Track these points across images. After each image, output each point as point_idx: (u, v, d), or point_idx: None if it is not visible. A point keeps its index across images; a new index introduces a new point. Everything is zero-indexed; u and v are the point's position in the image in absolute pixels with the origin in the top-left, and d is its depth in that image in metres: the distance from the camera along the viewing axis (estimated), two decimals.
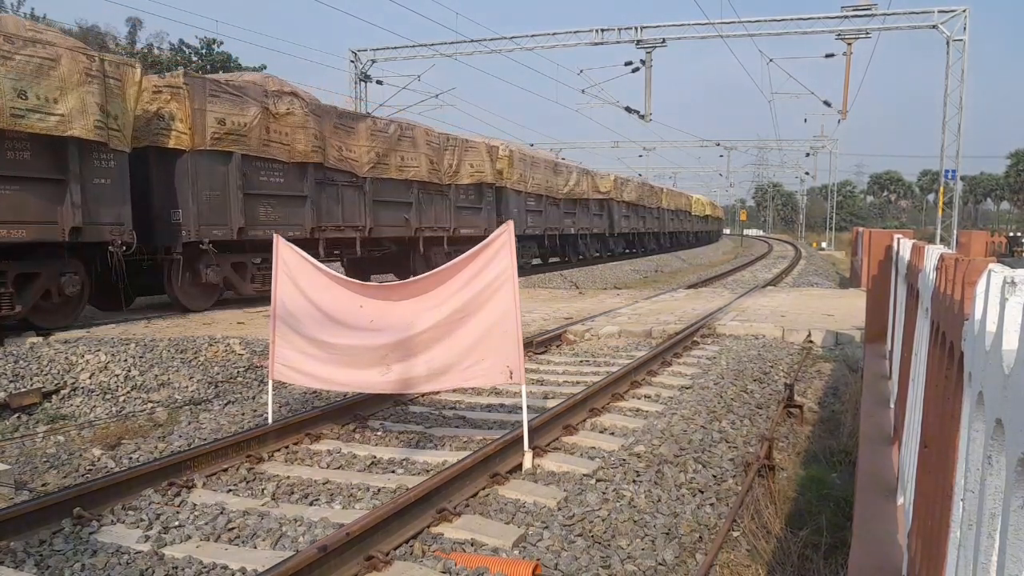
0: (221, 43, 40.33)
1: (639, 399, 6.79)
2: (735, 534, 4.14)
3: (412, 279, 5.22)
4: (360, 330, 5.19)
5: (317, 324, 5.36)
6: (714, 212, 62.19)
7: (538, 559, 3.60)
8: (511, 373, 4.83)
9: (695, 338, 9.80)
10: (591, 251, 28.88)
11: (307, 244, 12.81)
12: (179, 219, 11.04)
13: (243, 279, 12.51)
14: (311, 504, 4.42)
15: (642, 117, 27.53)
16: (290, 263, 5.52)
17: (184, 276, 11.32)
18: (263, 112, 12.16)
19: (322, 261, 6.43)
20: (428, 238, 16.96)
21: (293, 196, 13.04)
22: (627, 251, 33.83)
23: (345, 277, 5.46)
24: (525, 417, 4.93)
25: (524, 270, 22.79)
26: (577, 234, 27.21)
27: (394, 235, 15.89)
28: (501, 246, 4.81)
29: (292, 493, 4.58)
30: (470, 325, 4.87)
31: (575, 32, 27.48)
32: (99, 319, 10.65)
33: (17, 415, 6.52)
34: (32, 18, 38.39)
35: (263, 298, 12.62)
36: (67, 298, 9.72)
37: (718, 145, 59.66)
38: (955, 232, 28.02)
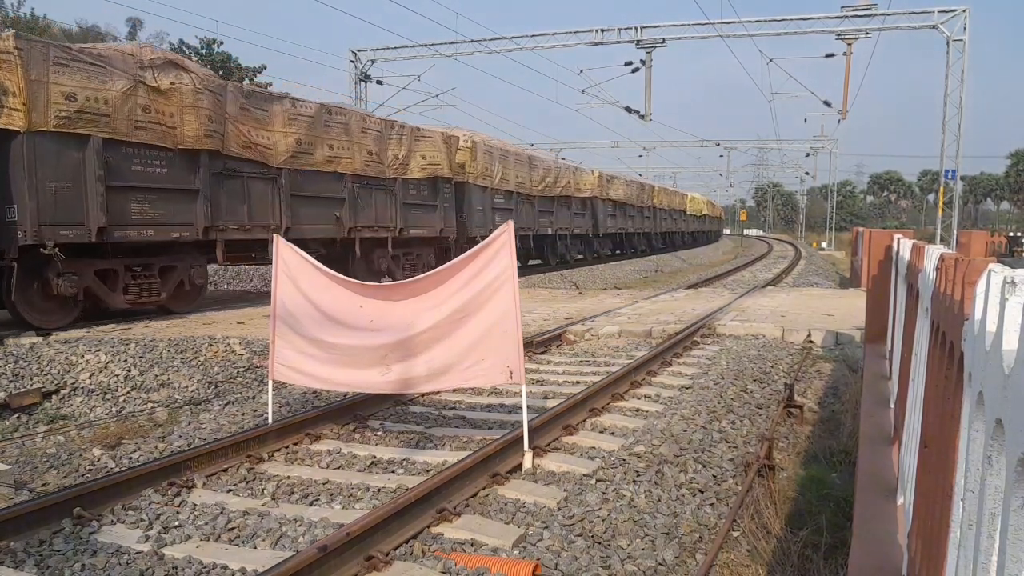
0: (221, 43, 40.37)
1: (639, 399, 6.79)
2: (735, 534, 4.14)
3: (413, 279, 5.21)
4: (360, 330, 5.19)
5: (317, 324, 5.36)
6: (712, 211, 60.36)
7: (538, 559, 3.60)
8: (511, 373, 4.83)
9: (695, 338, 9.80)
10: (572, 253, 27.05)
11: (201, 247, 11.45)
12: (13, 217, 8.96)
13: (113, 290, 10.36)
14: (311, 504, 4.42)
15: (642, 117, 27.55)
16: (290, 263, 5.52)
17: (28, 287, 9.34)
18: (135, 87, 9.96)
19: (223, 266, 5.95)
20: (367, 239, 14.74)
21: (180, 190, 10.80)
22: (615, 252, 33.17)
23: (345, 277, 5.46)
24: (525, 417, 4.93)
25: (522, 270, 22.67)
26: (555, 234, 25.16)
27: (320, 235, 13.62)
28: (501, 246, 4.81)
29: (292, 493, 4.58)
30: (470, 325, 4.87)
31: (575, 32, 27.50)
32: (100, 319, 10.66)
33: (17, 415, 6.52)
34: (32, 18, 38.38)
35: (143, 313, 10.84)
36: None
37: (718, 145, 59.69)
38: (955, 232, 28.03)
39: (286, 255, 5.55)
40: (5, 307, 9.49)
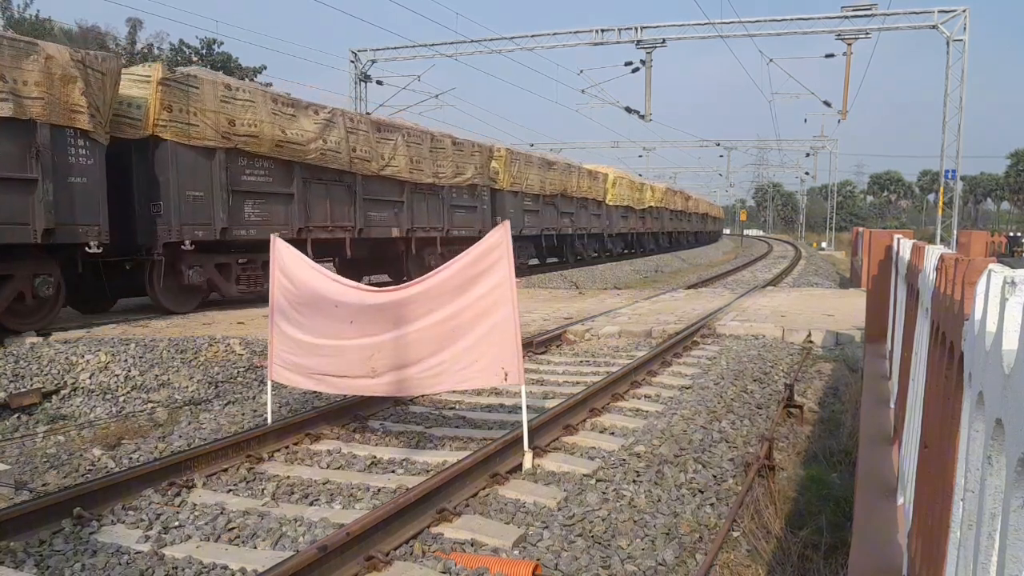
0: (221, 43, 40.45)
1: (639, 399, 6.79)
2: (735, 534, 4.14)
3: (411, 282, 5.18)
4: (353, 332, 5.17)
5: (312, 326, 5.35)
6: (692, 206, 48.70)
7: (538, 559, 3.60)
8: (506, 375, 4.80)
9: (695, 338, 9.80)
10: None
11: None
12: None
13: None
14: (311, 504, 4.42)
15: (642, 117, 27.55)
16: (286, 263, 5.51)
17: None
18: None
19: None
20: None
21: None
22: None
23: (340, 277, 5.45)
24: (525, 417, 4.93)
25: (531, 269, 22.65)
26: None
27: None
28: (497, 245, 4.79)
29: (292, 493, 4.58)
30: (464, 327, 4.84)
31: (575, 32, 27.49)
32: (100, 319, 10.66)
33: (17, 415, 6.52)
34: (37, 19, 38.40)
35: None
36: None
37: (718, 145, 59.72)
38: (955, 232, 28.02)
39: (283, 255, 5.54)
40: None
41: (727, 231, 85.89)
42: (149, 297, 11.19)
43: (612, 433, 5.77)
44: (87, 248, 9.53)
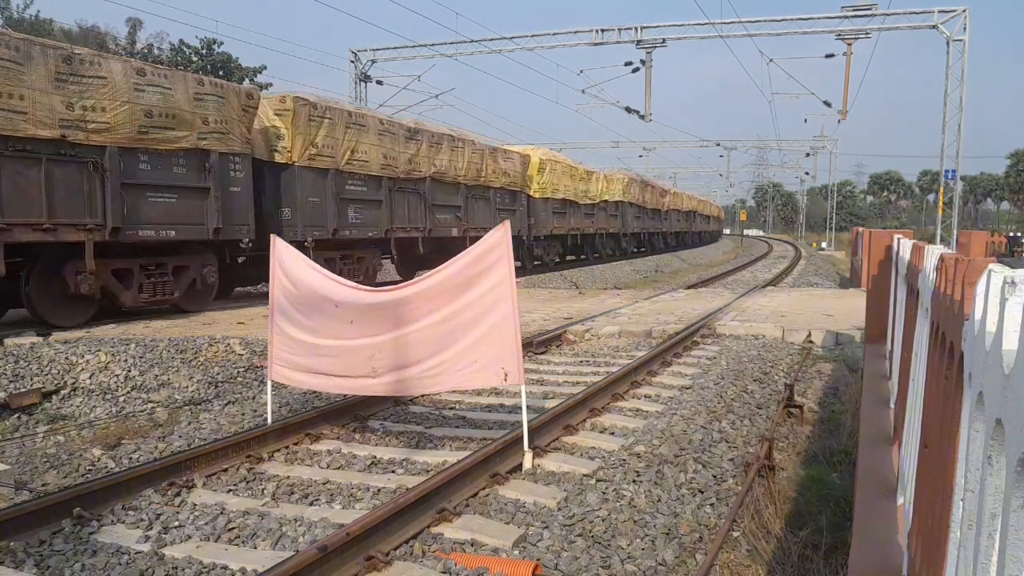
0: (221, 43, 40.43)
1: (639, 399, 6.79)
2: (735, 534, 4.14)
3: (410, 281, 5.18)
4: (353, 332, 5.16)
5: (312, 326, 5.35)
6: (672, 202, 42.49)
7: (538, 559, 3.60)
8: (506, 375, 4.80)
9: (695, 338, 9.80)
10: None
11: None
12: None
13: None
14: (311, 504, 4.42)
15: (642, 117, 27.57)
16: (286, 263, 5.51)
17: None
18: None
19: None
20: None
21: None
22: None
23: (339, 278, 5.44)
24: (524, 417, 4.93)
25: (534, 269, 22.54)
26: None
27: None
28: (497, 245, 4.78)
29: (292, 493, 4.58)
30: (464, 327, 4.84)
31: (575, 32, 27.51)
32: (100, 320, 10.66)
33: (17, 415, 6.52)
34: (37, 20, 38.41)
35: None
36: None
37: (718, 145, 59.78)
38: (955, 232, 28.03)
39: (283, 254, 5.54)
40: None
41: (727, 231, 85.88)
42: None
43: (612, 433, 5.77)
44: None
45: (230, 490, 4.66)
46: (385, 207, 15.11)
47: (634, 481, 4.62)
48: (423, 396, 6.78)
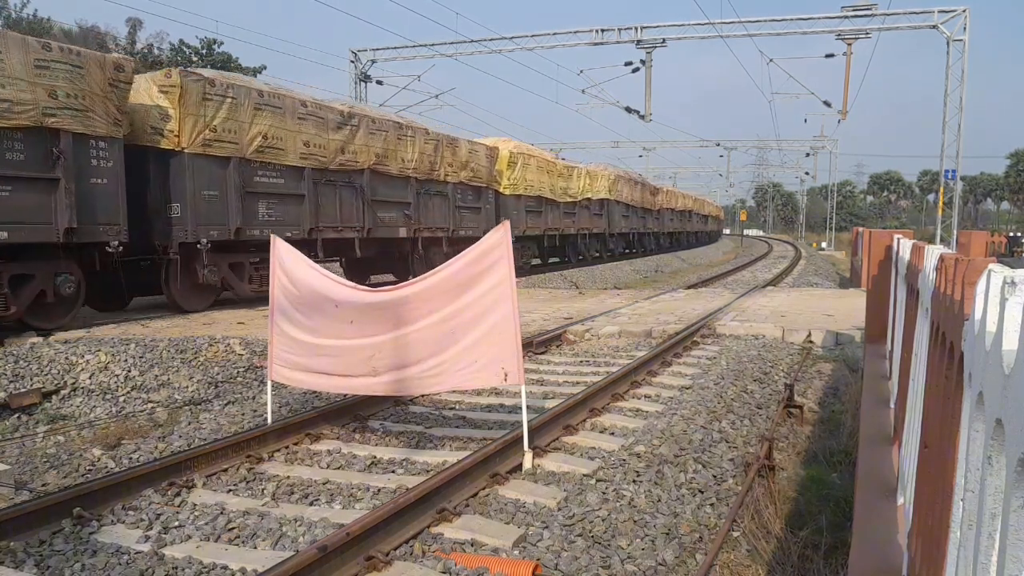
0: (221, 43, 40.47)
1: (639, 399, 6.79)
2: (735, 534, 4.14)
3: (409, 281, 5.18)
4: (353, 332, 5.16)
5: (312, 326, 5.35)
6: (665, 200, 40.10)
7: (538, 559, 3.60)
8: (506, 375, 4.80)
9: (695, 338, 9.80)
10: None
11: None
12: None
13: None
14: (311, 504, 4.42)
15: (642, 117, 27.57)
16: (286, 263, 5.51)
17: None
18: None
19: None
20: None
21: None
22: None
23: (338, 278, 5.44)
24: (524, 417, 4.93)
25: (530, 269, 22.44)
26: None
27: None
28: (497, 245, 4.78)
29: (292, 493, 4.58)
30: (464, 327, 4.83)
31: (575, 32, 27.51)
32: (99, 319, 10.65)
33: (17, 415, 6.52)
34: (35, 19, 38.40)
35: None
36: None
37: (718, 145, 59.80)
38: (955, 232, 28.03)
39: (283, 254, 5.54)
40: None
41: (727, 231, 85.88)
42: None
43: (612, 433, 5.77)
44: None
45: (230, 490, 4.66)
46: (309, 203, 13.07)
47: (634, 481, 4.62)
48: (423, 396, 6.78)
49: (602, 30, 26.86)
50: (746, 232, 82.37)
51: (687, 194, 50.82)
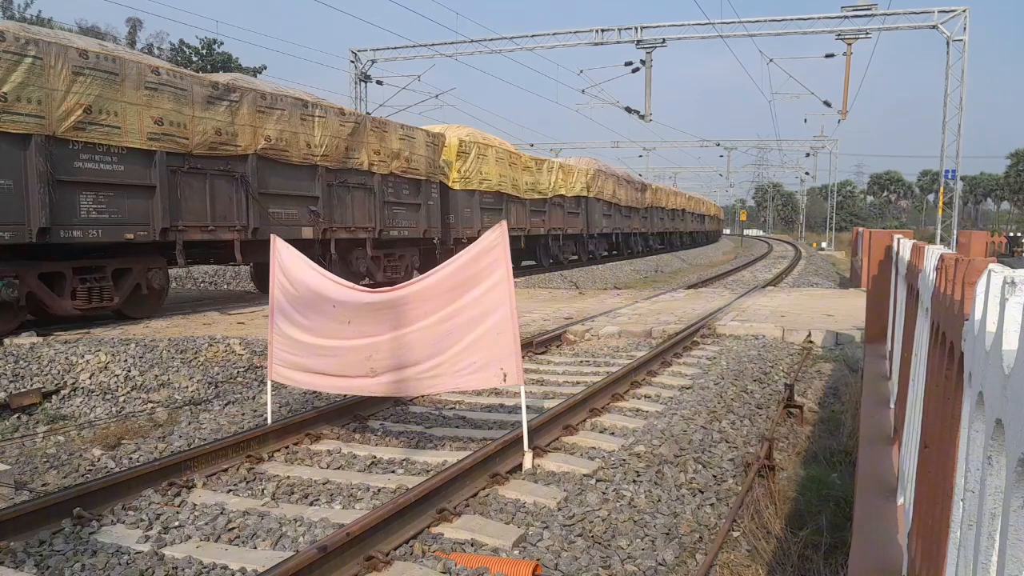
0: (221, 43, 40.46)
1: (639, 399, 6.79)
2: (735, 534, 4.14)
3: (407, 282, 5.18)
4: (351, 332, 5.16)
5: (311, 326, 5.35)
6: (652, 198, 37.23)
7: (538, 559, 3.59)
8: (505, 376, 4.79)
9: (695, 338, 9.80)
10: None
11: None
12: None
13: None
14: (311, 504, 4.42)
15: (642, 117, 27.55)
16: (285, 262, 5.51)
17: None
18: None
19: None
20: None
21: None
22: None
23: (337, 277, 5.43)
24: (524, 417, 4.93)
25: (519, 271, 22.35)
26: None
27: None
28: (494, 245, 4.78)
29: (292, 493, 4.58)
30: (463, 327, 4.82)
31: (575, 32, 27.50)
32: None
33: (17, 415, 6.52)
34: (39, 19, 38.44)
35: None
36: None
37: (718, 145, 59.79)
38: (955, 232, 28.01)
39: (283, 254, 5.54)
40: None
41: (727, 231, 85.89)
42: None
43: (612, 433, 5.77)
44: None
45: (230, 490, 4.65)
46: (161, 197, 10.35)
47: (634, 481, 4.62)
48: (423, 396, 6.78)
49: (602, 30, 26.86)
50: (746, 232, 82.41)
51: (681, 192, 48.02)
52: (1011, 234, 32.38)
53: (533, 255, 24.25)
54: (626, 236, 31.92)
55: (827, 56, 26.11)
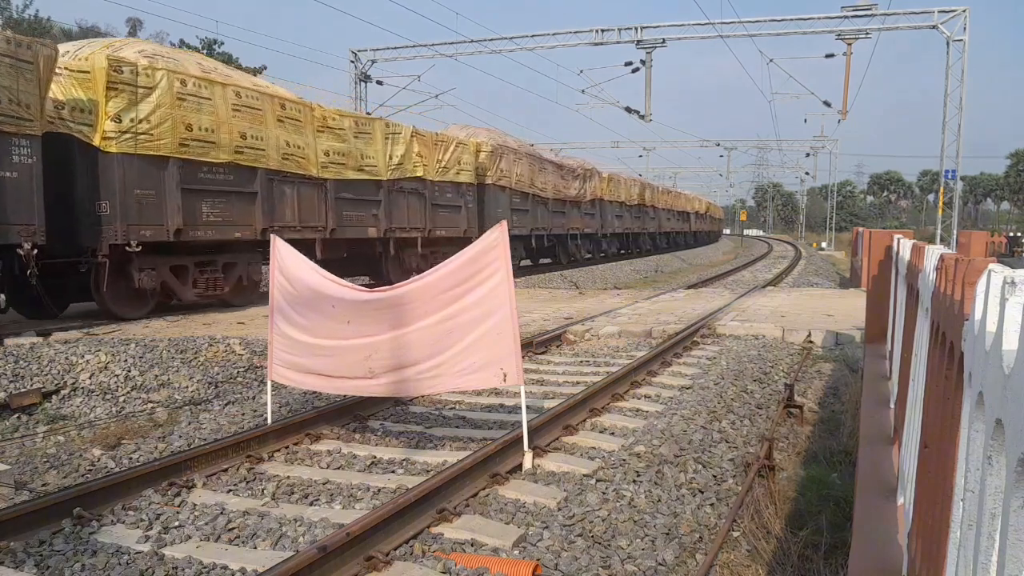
0: (222, 43, 40.47)
1: (639, 399, 6.79)
2: (735, 534, 4.14)
3: (405, 281, 5.16)
4: (350, 332, 5.15)
5: (310, 326, 5.34)
6: (629, 192, 32.99)
7: (538, 559, 3.59)
8: (505, 376, 4.79)
9: (695, 338, 9.80)
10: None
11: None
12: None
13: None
14: (311, 504, 4.42)
15: (642, 117, 27.55)
16: (285, 262, 5.50)
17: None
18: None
19: None
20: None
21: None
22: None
23: (335, 277, 5.43)
24: (524, 417, 4.93)
25: (528, 269, 22.43)
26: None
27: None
28: (494, 246, 4.77)
29: (292, 493, 4.58)
30: (462, 327, 4.82)
31: (575, 32, 27.50)
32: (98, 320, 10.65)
33: (17, 415, 6.52)
34: (36, 20, 38.42)
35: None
36: None
37: (718, 145, 59.82)
38: (955, 232, 28.02)
39: (283, 254, 5.53)
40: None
41: (727, 231, 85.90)
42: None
43: (612, 433, 5.77)
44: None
45: (230, 490, 4.65)
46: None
47: (634, 481, 4.62)
48: (423, 396, 6.78)
49: (602, 30, 26.85)
50: (746, 232, 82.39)
51: (643, 180, 38.54)
52: (1011, 234, 32.40)
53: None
54: (560, 237, 26.02)
55: (827, 56, 26.12)
